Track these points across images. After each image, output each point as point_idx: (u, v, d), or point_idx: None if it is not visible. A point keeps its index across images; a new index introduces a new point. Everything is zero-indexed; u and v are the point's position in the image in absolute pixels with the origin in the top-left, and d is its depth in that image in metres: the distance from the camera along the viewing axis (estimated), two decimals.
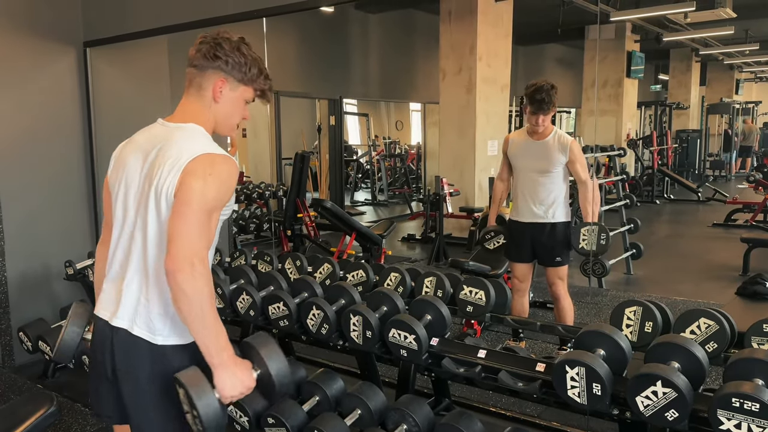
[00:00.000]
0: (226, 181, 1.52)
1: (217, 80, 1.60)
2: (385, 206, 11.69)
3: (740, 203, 9.00)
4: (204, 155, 1.51)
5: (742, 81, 17.96)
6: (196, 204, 1.46)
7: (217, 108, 1.63)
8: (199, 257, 1.43)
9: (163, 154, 1.54)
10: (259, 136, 10.22)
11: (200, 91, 1.62)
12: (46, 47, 3.87)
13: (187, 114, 1.63)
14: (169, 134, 1.58)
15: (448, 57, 7.45)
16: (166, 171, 1.50)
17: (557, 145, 3.43)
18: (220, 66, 1.60)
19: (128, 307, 1.57)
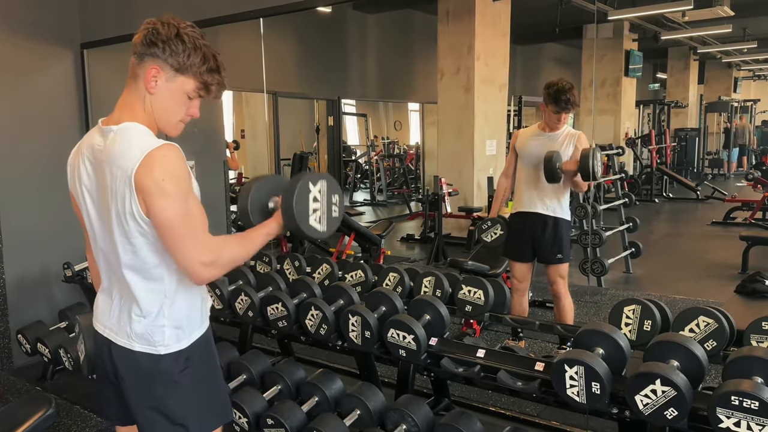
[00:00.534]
0: (178, 171, 1.44)
1: (151, 68, 1.47)
2: (384, 206, 11.69)
3: (739, 201, 9.01)
4: (144, 160, 1.41)
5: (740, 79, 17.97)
6: (173, 218, 1.43)
7: (152, 100, 1.50)
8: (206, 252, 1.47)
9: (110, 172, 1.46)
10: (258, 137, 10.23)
11: (136, 81, 1.50)
12: (43, 49, 3.87)
13: (124, 110, 1.52)
14: (109, 144, 1.48)
15: (446, 57, 7.44)
16: (120, 189, 1.44)
17: (567, 137, 3.50)
18: (156, 53, 1.46)
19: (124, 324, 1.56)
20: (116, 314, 1.58)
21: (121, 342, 1.56)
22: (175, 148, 1.46)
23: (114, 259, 1.54)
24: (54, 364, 3.53)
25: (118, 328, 1.57)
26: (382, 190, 12.20)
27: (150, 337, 1.54)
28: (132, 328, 1.54)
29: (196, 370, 1.59)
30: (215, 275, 1.51)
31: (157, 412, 1.56)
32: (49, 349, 3.42)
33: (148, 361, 1.54)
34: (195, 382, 1.58)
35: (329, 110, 9.46)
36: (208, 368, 1.64)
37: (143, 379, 1.55)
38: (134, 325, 1.54)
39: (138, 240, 1.48)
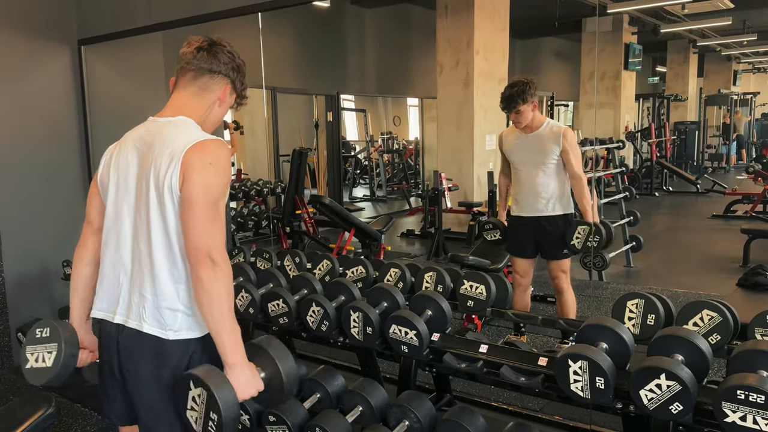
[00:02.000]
0: (224, 164, 1.55)
1: (227, 86, 1.69)
2: (383, 202, 11.68)
3: (739, 194, 8.99)
4: (198, 143, 1.53)
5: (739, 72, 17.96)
6: (204, 199, 1.48)
7: (217, 111, 1.70)
8: (217, 251, 1.47)
9: (157, 148, 1.54)
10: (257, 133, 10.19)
11: (204, 92, 1.66)
12: (40, 45, 3.84)
13: (179, 109, 1.65)
14: (160, 129, 1.59)
15: (445, 51, 7.42)
16: (164, 164, 1.51)
17: (550, 135, 3.39)
18: (229, 74, 1.67)
19: (136, 306, 1.56)
20: (126, 297, 1.58)
21: (132, 324, 1.56)
22: (227, 146, 1.59)
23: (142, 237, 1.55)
24: None
25: (130, 310, 1.57)
26: (381, 186, 12.19)
27: (162, 318, 1.54)
28: (145, 307, 1.54)
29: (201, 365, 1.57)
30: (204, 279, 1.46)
31: (159, 405, 1.55)
32: None
33: (155, 345, 1.54)
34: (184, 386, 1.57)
35: (328, 106, 9.43)
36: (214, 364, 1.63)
37: (148, 366, 1.54)
38: (147, 305, 1.54)
39: (171, 216, 1.52)
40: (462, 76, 7.29)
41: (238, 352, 1.52)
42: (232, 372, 1.50)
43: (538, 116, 3.42)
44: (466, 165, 7.44)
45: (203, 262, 1.45)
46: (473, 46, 7.14)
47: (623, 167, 8.30)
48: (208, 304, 1.46)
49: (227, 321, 1.49)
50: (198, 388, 1.48)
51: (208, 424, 1.48)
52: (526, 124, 3.40)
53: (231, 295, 1.50)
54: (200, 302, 1.48)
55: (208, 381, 1.45)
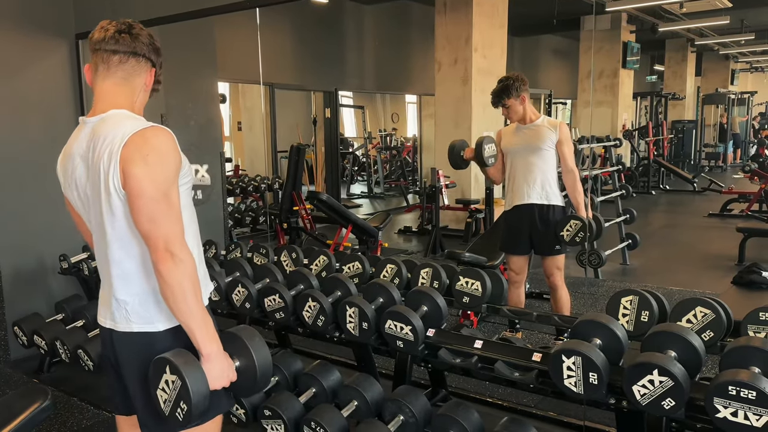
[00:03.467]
0: (166, 152, 1.47)
1: (152, 69, 1.64)
2: (381, 199, 11.68)
3: (736, 193, 9.02)
4: (134, 135, 1.45)
5: (737, 71, 17.98)
6: (149, 191, 1.42)
7: (143, 97, 1.65)
8: (174, 243, 1.43)
9: (97, 150, 1.48)
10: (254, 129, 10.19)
11: (131, 77, 1.59)
12: (37, 40, 3.84)
13: (110, 101, 1.58)
14: (96, 129, 1.53)
15: (444, 48, 7.42)
16: (104, 165, 1.46)
17: (547, 125, 3.52)
18: (151, 57, 1.62)
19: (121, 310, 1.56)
20: (114, 301, 1.58)
21: (121, 328, 1.56)
22: (168, 132, 1.50)
23: (103, 239, 1.54)
24: (50, 356, 3.52)
25: (118, 315, 1.57)
26: (379, 183, 12.19)
27: (147, 314, 1.54)
28: (128, 310, 1.54)
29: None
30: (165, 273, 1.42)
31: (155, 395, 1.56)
32: (46, 342, 3.41)
33: (147, 340, 1.55)
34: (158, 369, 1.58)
35: (326, 102, 9.43)
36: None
37: (141, 360, 1.55)
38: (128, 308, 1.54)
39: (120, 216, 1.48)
40: (460, 74, 7.29)
41: (211, 341, 1.48)
42: (206, 362, 1.48)
43: (532, 110, 3.56)
44: None
45: (161, 256, 1.41)
46: (472, 43, 7.14)
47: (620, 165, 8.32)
48: (172, 297, 1.43)
49: (195, 312, 1.45)
50: (173, 375, 1.47)
51: (176, 411, 1.48)
52: (520, 118, 3.53)
53: (196, 285, 1.45)
54: (165, 296, 1.45)
55: (183, 371, 1.44)
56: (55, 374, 3.59)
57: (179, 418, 1.48)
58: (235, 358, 1.55)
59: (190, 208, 1.63)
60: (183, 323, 1.47)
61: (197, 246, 1.65)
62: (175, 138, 1.50)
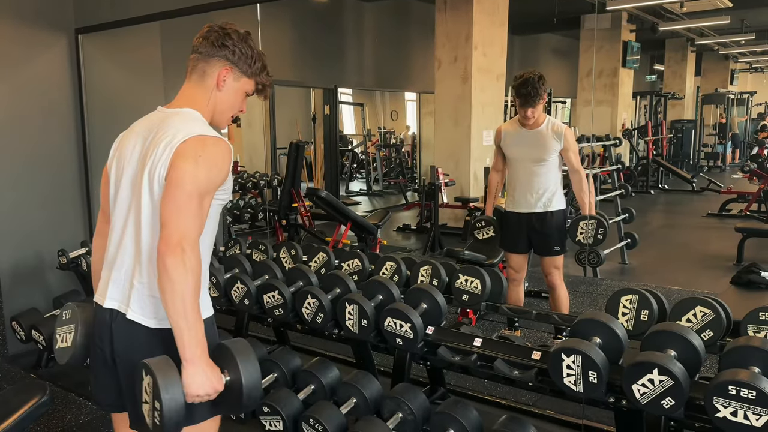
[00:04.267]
0: (218, 163, 1.51)
1: (223, 68, 1.63)
2: (380, 196, 11.68)
3: (735, 193, 9.03)
4: (196, 137, 1.51)
5: (737, 71, 17.98)
6: (187, 186, 1.45)
7: (218, 96, 1.65)
8: (189, 241, 1.42)
9: (157, 137, 1.54)
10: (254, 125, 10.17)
11: (203, 78, 1.63)
12: (37, 34, 3.82)
13: (186, 100, 1.64)
14: (164, 118, 1.59)
15: (444, 46, 7.41)
16: (159, 152, 1.50)
17: (551, 133, 3.40)
18: (227, 55, 1.62)
19: (121, 290, 1.57)
20: (121, 283, 1.58)
21: (124, 310, 1.56)
22: (227, 145, 1.55)
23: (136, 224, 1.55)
24: (49, 352, 3.51)
25: (121, 295, 1.57)
26: (378, 180, 12.18)
27: (146, 307, 1.54)
28: (132, 294, 1.54)
29: None
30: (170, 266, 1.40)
31: None
32: (44, 337, 3.41)
33: (146, 336, 1.54)
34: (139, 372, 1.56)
35: (326, 99, 9.41)
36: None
37: (137, 353, 1.53)
38: (134, 292, 1.54)
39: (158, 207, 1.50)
40: (460, 72, 7.28)
41: (196, 346, 1.44)
42: (187, 367, 1.43)
43: (541, 114, 3.42)
44: (463, 160, 7.44)
45: (172, 248, 1.40)
46: (472, 42, 7.13)
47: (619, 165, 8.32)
48: (171, 292, 1.40)
49: (189, 313, 1.42)
50: (147, 376, 1.43)
51: (154, 414, 1.43)
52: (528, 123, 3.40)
53: (196, 286, 1.43)
54: (162, 289, 1.42)
55: (158, 378, 1.40)
56: (53, 369, 3.59)
57: (157, 423, 1.44)
58: (225, 372, 1.50)
59: (214, 223, 1.62)
60: (173, 322, 1.43)
61: (206, 262, 1.62)
62: (232, 154, 1.56)
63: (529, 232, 3.52)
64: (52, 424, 2.93)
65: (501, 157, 3.68)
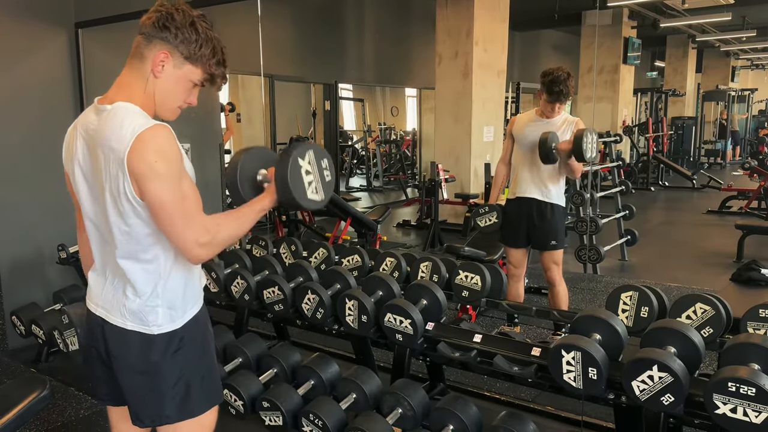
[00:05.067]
0: (169, 151, 1.43)
1: (160, 52, 1.48)
2: (380, 192, 11.67)
3: (735, 190, 9.02)
4: (135, 142, 1.39)
5: (738, 68, 17.95)
6: (168, 199, 1.42)
7: (156, 84, 1.50)
8: (202, 234, 1.47)
9: (102, 153, 1.45)
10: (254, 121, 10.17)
11: (141, 62, 1.50)
12: (36, 29, 3.81)
13: (120, 90, 1.51)
14: (102, 124, 1.47)
15: (445, 42, 7.39)
16: (112, 172, 1.43)
17: (565, 123, 3.48)
18: (167, 38, 1.47)
19: (118, 304, 1.55)
20: (110, 293, 1.57)
21: (114, 321, 1.55)
22: (166, 128, 1.45)
23: (109, 239, 1.53)
24: (48, 346, 3.52)
25: (112, 306, 1.56)
26: (378, 176, 12.17)
27: (144, 317, 1.53)
28: (126, 306, 1.53)
29: (188, 351, 1.58)
30: (211, 254, 1.52)
31: (149, 392, 1.56)
32: (44, 331, 3.41)
33: (140, 341, 1.54)
34: (187, 363, 1.58)
35: (326, 94, 9.40)
36: (201, 349, 1.63)
37: (135, 358, 1.54)
38: (128, 304, 1.53)
39: (133, 221, 1.48)
40: (461, 67, 7.27)
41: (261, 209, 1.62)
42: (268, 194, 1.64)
43: None
44: (464, 156, 7.43)
45: (195, 252, 1.47)
46: (473, 37, 7.12)
47: (620, 161, 8.32)
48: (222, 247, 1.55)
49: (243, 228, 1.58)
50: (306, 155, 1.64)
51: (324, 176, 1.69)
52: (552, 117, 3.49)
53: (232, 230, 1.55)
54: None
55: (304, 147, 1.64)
56: (53, 364, 3.59)
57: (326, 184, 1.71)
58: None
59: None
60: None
61: None
62: (171, 130, 1.46)
63: (528, 225, 3.52)
64: (52, 419, 2.93)
65: (510, 149, 3.67)
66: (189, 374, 1.58)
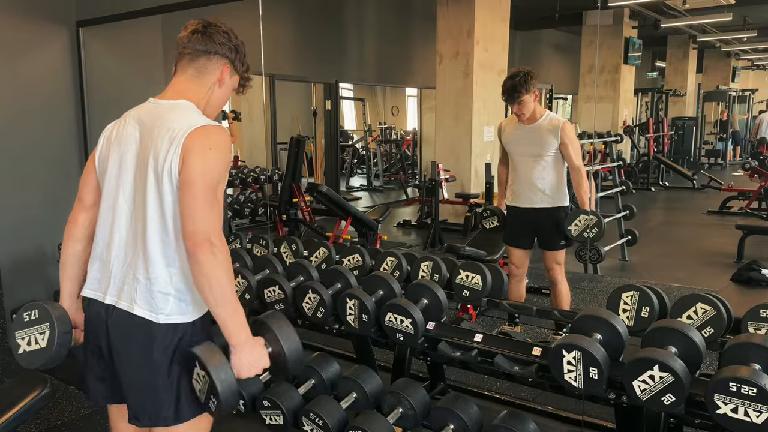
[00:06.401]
0: (224, 150, 1.56)
1: (225, 66, 1.67)
2: (380, 192, 11.67)
3: (735, 190, 9.02)
4: (200, 128, 1.53)
5: (738, 68, 17.94)
6: (202, 182, 1.48)
7: (218, 94, 1.69)
8: (215, 234, 1.47)
9: (157, 131, 1.54)
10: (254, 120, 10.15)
11: (202, 74, 1.66)
12: (38, 27, 3.81)
13: (180, 93, 1.65)
14: (162, 112, 1.59)
15: (445, 41, 7.39)
16: (164, 148, 1.51)
17: (549, 128, 3.39)
18: (227, 53, 1.66)
19: (128, 287, 1.56)
20: (119, 278, 1.57)
21: (123, 305, 1.55)
22: (227, 132, 1.59)
23: (139, 218, 1.55)
24: None
25: (122, 290, 1.56)
26: (378, 176, 12.17)
27: (153, 302, 1.54)
28: (138, 290, 1.54)
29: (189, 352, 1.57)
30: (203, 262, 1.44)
31: (147, 385, 1.56)
32: None
33: (144, 331, 1.54)
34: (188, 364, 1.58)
35: (326, 94, 9.40)
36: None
37: (137, 353, 1.54)
38: (140, 288, 1.54)
39: (168, 200, 1.52)
40: (461, 67, 7.27)
41: (241, 331, 1.51)
42: (236, 352, 1.51)
43: (538, 107, 3.41)
44: (464, 156, 7.43)
45: (202, 245, 1.44)
46: (473, 37, 7.12)
47: (620, 161, 8.32)
48: (209, 287, 1.46)
49: (229, 302, 1.48)
50: (201, 369, 1.51)
51: (209, 402, 1.53)
52: (531, 114, 3.39)
53: (231, 276, 1.49)
54: (200, 286, 1.47)
55: (209, 367, 1.48)
56: None
57: (212, 409, 1.55)
58: (267, 344, 1.58)
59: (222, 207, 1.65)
60: (215, 313, 1.50)
61: None
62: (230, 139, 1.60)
63: (533, 227, 3.52)
64: (52, 417, 2.93)
65: (505, 151, 3.67)
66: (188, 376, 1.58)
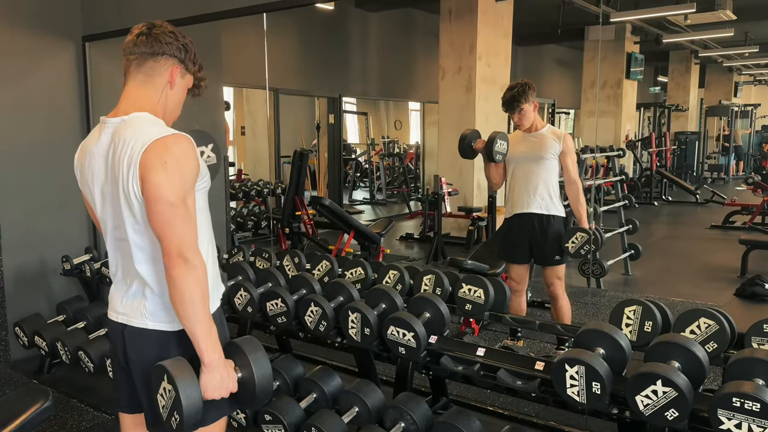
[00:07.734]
0: (187, 160, 1.49)
1: (174, 66, 1.61)
2: (383, 205, 11.68)
3: (738, 205, 9.01)
4: (154, 143, 1.46)
5: (741, 83, 17.99)
6: (166, 198, 1.44)
7: (171, 94, 1.63)
8: (187, 248, 1.45)
9: (118, 153, 1.50)
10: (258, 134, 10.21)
11: (152, 78, 1.59)
12: (44, 42, 3.85)
13: (136, 102, 1.58)
14: (117, 131, 1.53)
15: (448, 56, 7.44)
16: (124, 171, 1.47)
17: (551, 135, 3.51)
18: (175, 53, 1.60)
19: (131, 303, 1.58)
20: (131, 298, 1.59)
21: (135, 323, 1.57)
22: (188, 138, 1.51)
23: (125, 242, 1.55)
24: (51, 357, 3.51)
25: (132, 309, 1.58)
26: (381, 189, 12.20)
27: (164, 313, 1.55)
28: (147, 307, 1.56)
29: None
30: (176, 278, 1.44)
31: None
32: (47, 342, 3.41)
33: (159, 341, 1.55)
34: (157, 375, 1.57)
35: (330, 108, 9.44)
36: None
37: (153, 356, 1.55)
38: (148, 304, 1.55)
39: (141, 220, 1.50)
40: (464, 81, 7.31)
41: (214, 350, 1.49)
42: (206, 371, 1.49)
43: (539, 119, 3.55)
44: (467, 170, 7.44)
45: (174, 261, 1.43)
46: (476, 52, 7.16)
47: (623, 176, 8.32)
48: (181, 302, 1.44)
49: (201, 320, 1.46)
50: (169, 384, 1.48)
51: (171, 419, 1.50)
52: (531, 124, 3.51)
53: (205, 293, 1.47)
54: (173, 300, 1.46)
55: (177, 381, 1.45)
56: (55, 375, 3.59)
57: (173, 426, 1.50)
58: (238, 369, 1.56)
59: (206, 212, 1.65)
60: (188, 330, 1.48)
61: (212, 249, 1.67)
62: (194, 144, 1.52)
63: (530, 240, 3.52)
64: (53, 431, 2.92)
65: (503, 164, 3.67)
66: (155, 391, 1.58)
